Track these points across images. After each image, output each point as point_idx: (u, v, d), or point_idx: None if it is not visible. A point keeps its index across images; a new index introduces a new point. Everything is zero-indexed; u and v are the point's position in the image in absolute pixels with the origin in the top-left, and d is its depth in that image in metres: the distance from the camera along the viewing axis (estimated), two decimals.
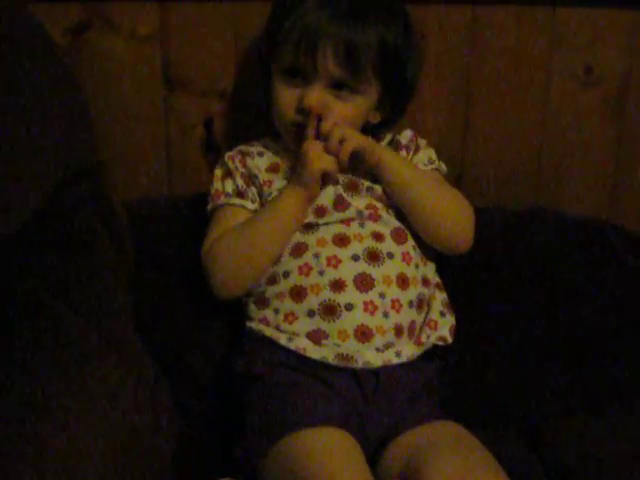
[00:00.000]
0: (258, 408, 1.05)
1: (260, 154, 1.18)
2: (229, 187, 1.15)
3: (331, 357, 1.05)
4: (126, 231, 1.18)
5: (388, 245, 1.10)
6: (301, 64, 1.09)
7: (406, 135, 1.22)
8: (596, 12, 1.30)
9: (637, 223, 1.38)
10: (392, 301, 1.07)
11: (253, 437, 1.03)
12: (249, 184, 1.15)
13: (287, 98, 1.12)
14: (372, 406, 1.05)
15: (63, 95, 1.07)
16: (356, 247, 1.08)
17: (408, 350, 1.08)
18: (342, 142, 1.07)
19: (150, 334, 1.14)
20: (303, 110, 1.10)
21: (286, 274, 1.08)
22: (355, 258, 1.08)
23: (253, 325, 1.10)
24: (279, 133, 1.17)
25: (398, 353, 1.06)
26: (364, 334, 1.05)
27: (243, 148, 1.19)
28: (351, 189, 1.12)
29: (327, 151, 1.07)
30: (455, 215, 1.14)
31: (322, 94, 1.09)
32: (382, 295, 1.06)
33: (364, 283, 1.06)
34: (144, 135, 1.31)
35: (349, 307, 1.05)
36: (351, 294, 1.06)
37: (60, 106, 1.05)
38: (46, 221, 1.02)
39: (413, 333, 1.10)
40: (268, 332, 1.08)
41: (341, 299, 1.05)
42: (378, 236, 1.10)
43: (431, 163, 1.19)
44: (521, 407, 1.24)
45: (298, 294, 1.07)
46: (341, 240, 1.09)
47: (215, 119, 1.31)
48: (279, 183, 1.14)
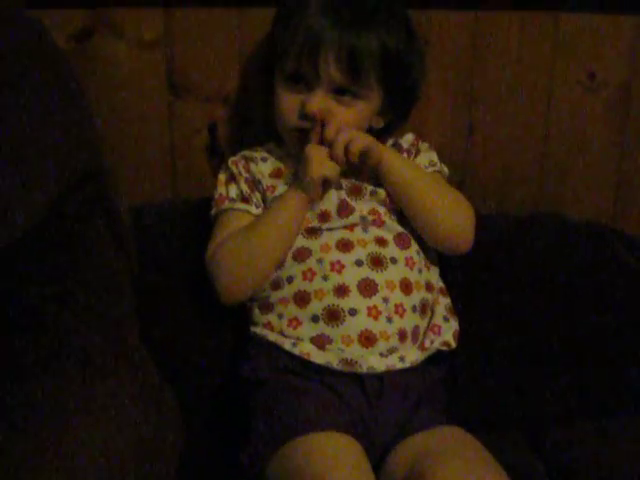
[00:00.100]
0: (263, 413, 1.05)
1: (264, 159, 1.18)
2: (233, 192, 1.15)
3: (335, 362, 1.05)
4: (130, 235, 1.18)
5: (391, 250, 1.10)
6: (303, 70, 1.09)
7: (408, 139, 1.22)
8: (599, 18, 1.30)
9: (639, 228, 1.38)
10: (396, 306, 1.07)
11: (258, 442, 1.02)
12: (253, 189, 1.15)
13: (290, 104, 1.12)
14: (376, 411, 1.05)
15: (67, 100, 1.07)
16: (359, 252, 1.09)
17: (412, 355, 1.08)
18: (348, 145, 1.07)
19: (154, 339, 1.14)
20: (306, 116, 1.10)
21: (290, 279, 1.09)
22: (359, 263, 1.08)
23: (257, 330, 1.10)
24: (282, 139, 1.17)
25: (402, 358, 1.07)
26: (368, 339, 1.05)
27: (247, 153, 1.19)
28: (354, 194, 1.13)
29: (332, 157, 1.08)
30: (456, 215, 1.14)
31: (324, 100, 1.09)
32: (386, 300, 1.07)
33: (368, 288, 1.07)
34: (148, 140, 1.31)
35: (353, 312, 1.05)
36: (355, 299, 1.06)
37: (64, 111, 1.05)
38: (50, 226, 1.02)
39: (417, 338, 1.10)
40: (272, 337, 1.08)
41: (345, 304, 1.06)
42: (381, 241, 1.10)
43: (432, 165, 1.19)
44: (524, 411, 1.24)
45: (302, 299, 1.07)
46: (345, 245, 1.09)
47: (219, 124, 1.31)
48: (282, 189, 1.14)
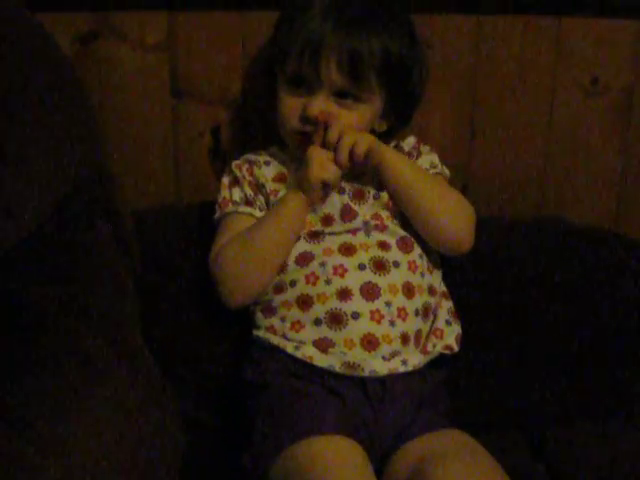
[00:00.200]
0: (265, 416, 1.05)
1: (267, 163, 1.18)
2: (237, 195, 1.15)
3: (338, 365, 1.05)
4: (133, 239, 1.18)
5: (394, 254, 1.10)
6: (305, 73, 1.10)
7: (409, 142, 1.22)
8: (601, 23, 1.30)
9: None
10: (398, 310, 1.07)
11: (260, 444, 1.03)
12: (257, 192, 1.16)
13: (291, 107, 1.12)
14: (379, 414, 1.05)
15: (72, 103, 1.07)
16: (362, 256, 1.09)
17: (414, 359, 1.08)
18: (352, 147, 1.07)
19: (157, 341, 1.14)
20: (307, 119, 1.10)
21: (293, 283, 1.09)
22: (361, 267, 1.08)
23: (260, 333, 1.11)
24: (286, 142, 1.18)
25: (404, 362, 1.07)
26: (370, 343, 1.05)
27: (250, 157, 1.19)
28: (357, 198, 1.13)
29: (335, 161, 1.08)
30: (456, 215, 1.14)
31: (326, 103, 1.10)
32: (388, 304, 1.07)
33: (370, 292, 1.07)
34: (152, 143, 1.32)
35: (355, 316, 1.06)
36: (357, 303, 1.06)
37: (68, 114, 1.05)
38: (54, 227, 1.03)
39: (419, 342, 1.10)
40: (275, 340, 1.08)
41: (347, 308, 1.06)
42: (384, 245, 1.10)
43: (433, 167, 1.19)
44: (524, 412, 1.24)
45: (305, 303, 1.07)
46: (347, 249, 1.09)
47: (222, 128, 1.31)
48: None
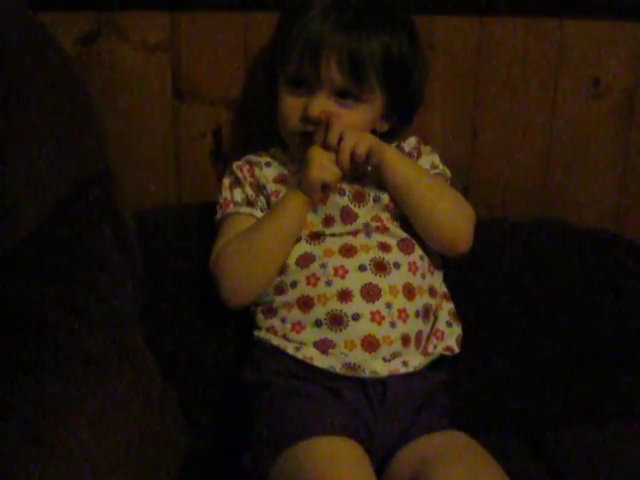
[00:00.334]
0: (266, 416, 1.06)
1: (268, 164, 1.18)
2: (238, 196, 1.15)
3: (338, 366, 1.05)
4: (134, 240, 1.18)
5: (395, 255, 1.10)
6: (305, 73, 1.10)
7: (410, 142, 1.22)
8: (603, 24, 1.30)
9: None
10: (399, 311, 1.07)
11: (261, 445, 1.03)
12: (258, 193, 1.15)
13: (292, 107, 1.12)
14: (379, 415, 1.05)
15: (73, 103, 1.07)
16: (362, 257, 1.09)
17: (415, 360, 1.08)
18: (354, 148, 1.07)
19: (158, 343, 1.15)
20: (308, 119, 1.10)
21: (293, 284, 1.09)
22: (362, 268, 1.08)
23: (261, 334, 1.11)
24: (287, 144, 1.18)
25: (405, 363, 1.07)
26: (371, 344, 1.05)
27: (251, 158, 1.19)
28: (358, 200, 1.13)
29: (337, 162, 1.08)
30: (456, 215, 1.13)
31: (326, 103, 1.10)
32: (389, 305, 1.07)
33: (371, 293, 1.07)
34: (153, 144, 1.31)
35: (356, 317, 1.06)
36: (358, 304, 1.06)
37: (70, 115, 1.05)
38: (55, 228, 1.02)
39: (420, 343, 1.10)
40: (276, 341, 1.08)
41: (348, 309, 1.06)
42: (384, 246, 1.10)
43: (434, 168, 1.19)
44: (524, 414, 1.24)
45: (305, 304, 1.07)
46: (348, 251, 1.09)
47: (224, 129, 1.31)
48: None
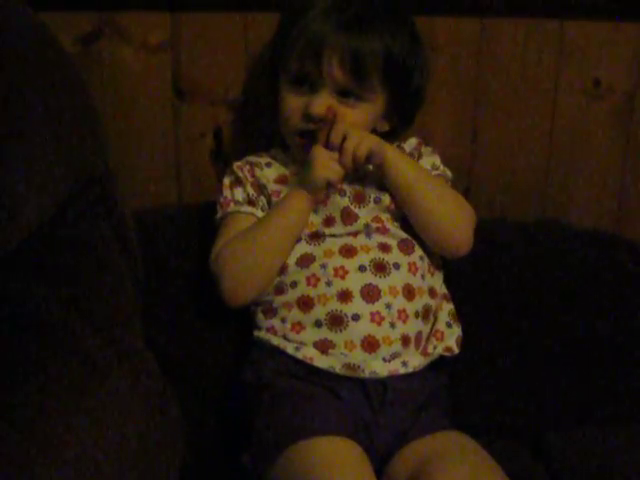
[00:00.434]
0: (266, 416, 1.05)
1: (268, 165, 1.18)
2: (239, 195, 1.15)
3: (338, 367, 1.05)
4: (134, 240, 1.18)
5: (395, 256, 1.10)
6: (307, 72, 1.10)
7: (411, 143, 1.22)
8: (604, 25, 1.30)
9: None
10: (398, 312, 1.07)
11: (260, 445, 1.03)
12: (259, 193, 1.15)
13: (293, 105, 1.12)
14: (379, 416, 1.05)
15: (74, 103, 1.07)
16: (363, 258, 1.09)
17: (415, 360, 1.08)
18: (356, 147, 1.07)
19: (158, 343, 1.15)
20: (309, 117, 1.10)
21: (293, 284, 1.09)
22: (362, 269, 1.08)
23: (261, 334, 1.11)
24: (287, 144, 1.18)
25: (405, 363, 1.07)
26: (371, 344, 1.05)
27: (251, 159, 1.19)
28: (358, 201, 1.13)
29: (339, 161, 1.08)
30: (456, 217, 1.14)
31: (329, 101, 1.10)
32: (388, 306, 1.07)
33: (371, 294, 1.07)
34: (153, 144, 1.32)
35: (356, 318, 1.06)
36: (358, 305, 1.06)
37: (71, 114, 1.05)
38: (56, 228, 1.02)
39: (420, 344, 1.10)
40: (275, 341, 1.08)
41: (348, 310, 1.06)
42: (384, 247, 1.10)
43: (435, 169, 1.19)
44: (525, 416, 1.24)
45: (305, 304, 1.07)
46: (348, 251, 1.09)
47: (224, 129, 1.32)
48: None
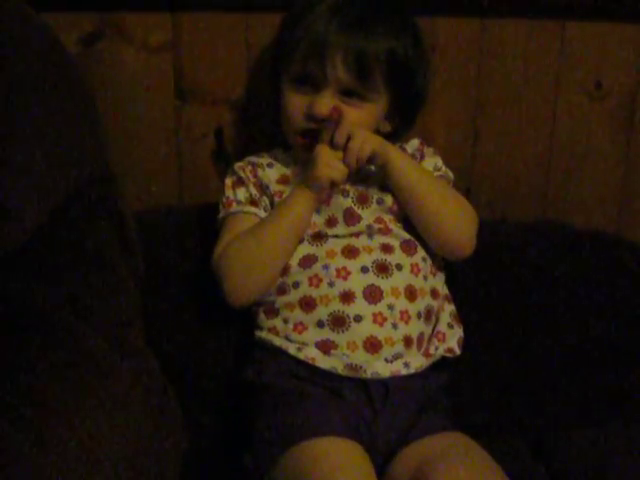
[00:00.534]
0: (267, 417, 1.06)
1: (270, 165, 1.18)
2: (241, 195, 1.15)
3: (340, 367, 1.05)
4: (135, 240, 1.18)
5: (397, 257, 1.10)
6: (310, 72, 1.10)
7: (413, 144, 1.22)
8: (605, 27, 1.30)
9: None
10: (401, 313, 1.07)
11: (262, 445, 1.03)
12: (261, 193, 1.15)
13: (296, 105, 1.12)
14: (381, 416, 1.05)
15: (75, 103, 1.07)
16: (365, 259, 1.09)
17: (417, 361, 1.08)
18: (359, 148, 1.07)
19: (159, 343, 1.15)
20: (312, 117, 1.10)
21: (296, 285, 1.09)
22: (364, 270, 1.08)
23: (262, 334, 1.11)
24: (289, 144, 1.18)
25: (407, 364, 1.07)
26: (373, 345, 1.05)
27: (252, 159, 1.19)
28: (361, 202, 1.13)
29: (344, 161, 1.08)
30: (459, 218, 1.14)
31: (332, 101, 1.10)
32: (391, 307, 1.07)
33: (373, 295, 1.07)
34: (155, 144, 1.31)
35: (358, 318, 1.06)
36: (360, 305, 1.06)
37: (72, 115, 1.05)
38: (57, 228, 1.03)
39: (422, 344, 1.10)
40: (277, 342, 1.08)
41: (350, 310, 1.06)
42: (387, 248, 1.10)
43: (437, 170, 1.19)
44: (525, 416, 1.24)
45: (307, 305, 1.07)
46: (350, 252, 1.09)
47: (226, 129, 1.31)
48: None
